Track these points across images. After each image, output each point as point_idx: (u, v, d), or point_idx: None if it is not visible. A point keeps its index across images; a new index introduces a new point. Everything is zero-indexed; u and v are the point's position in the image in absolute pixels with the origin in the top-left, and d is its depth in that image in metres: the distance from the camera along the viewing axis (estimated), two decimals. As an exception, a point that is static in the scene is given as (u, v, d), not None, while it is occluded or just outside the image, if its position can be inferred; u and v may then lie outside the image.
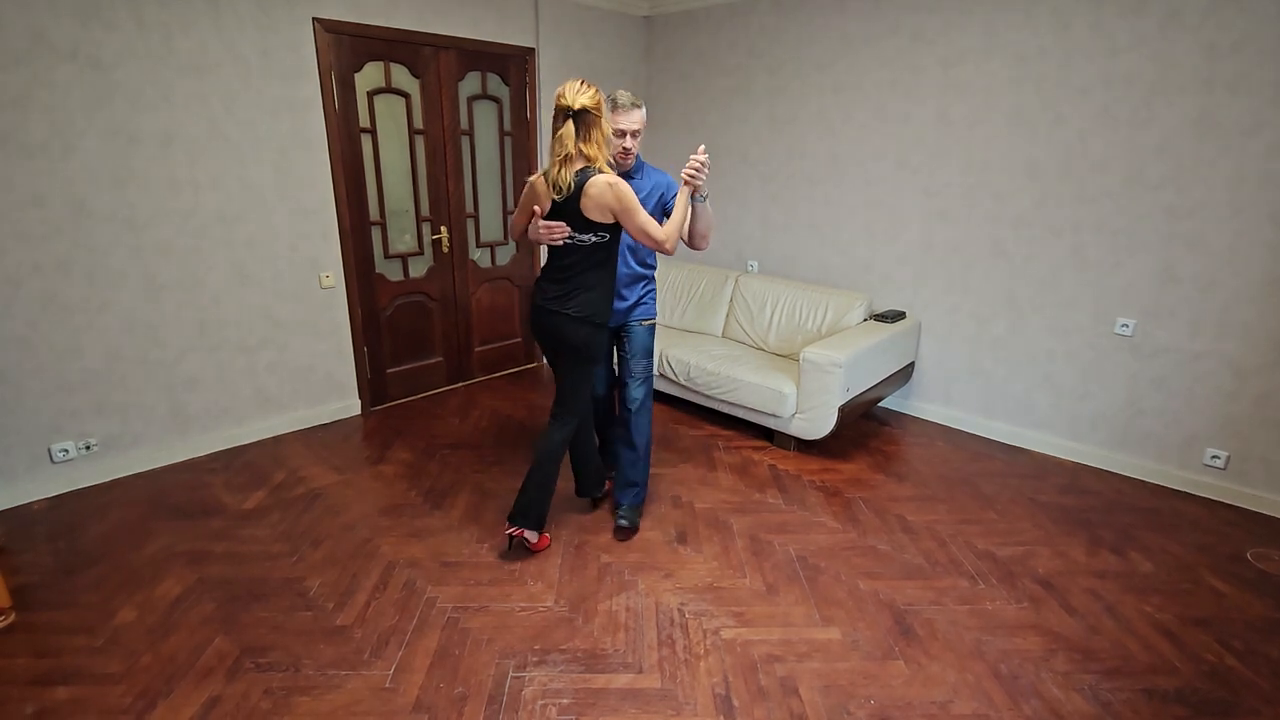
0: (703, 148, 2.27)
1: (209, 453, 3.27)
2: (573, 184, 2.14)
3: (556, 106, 2.12)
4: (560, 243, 2.22)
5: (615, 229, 2.24)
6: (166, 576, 2.36)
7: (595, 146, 2.15)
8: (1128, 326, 3.09)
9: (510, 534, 2.46)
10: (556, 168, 2.14)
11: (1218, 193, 2.78)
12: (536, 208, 2.22)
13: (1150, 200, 2.93)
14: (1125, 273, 3.06)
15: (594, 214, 2.17)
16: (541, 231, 2.20)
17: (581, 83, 2.12)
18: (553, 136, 2.14)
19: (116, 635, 2.07)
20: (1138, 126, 2.91)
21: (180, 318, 3.08)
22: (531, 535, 2.48)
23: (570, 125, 2.11)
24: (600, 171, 2.15)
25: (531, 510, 2.44)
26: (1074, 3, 2.97)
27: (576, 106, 2.09)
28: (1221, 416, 2.93)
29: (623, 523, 2.66)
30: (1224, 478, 2.97)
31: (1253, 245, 2.74)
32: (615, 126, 2.32)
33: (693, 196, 2.32)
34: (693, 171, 2.22)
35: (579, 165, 2.15)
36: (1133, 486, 3.11)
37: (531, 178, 2.25)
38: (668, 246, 2.20)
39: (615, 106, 2.33)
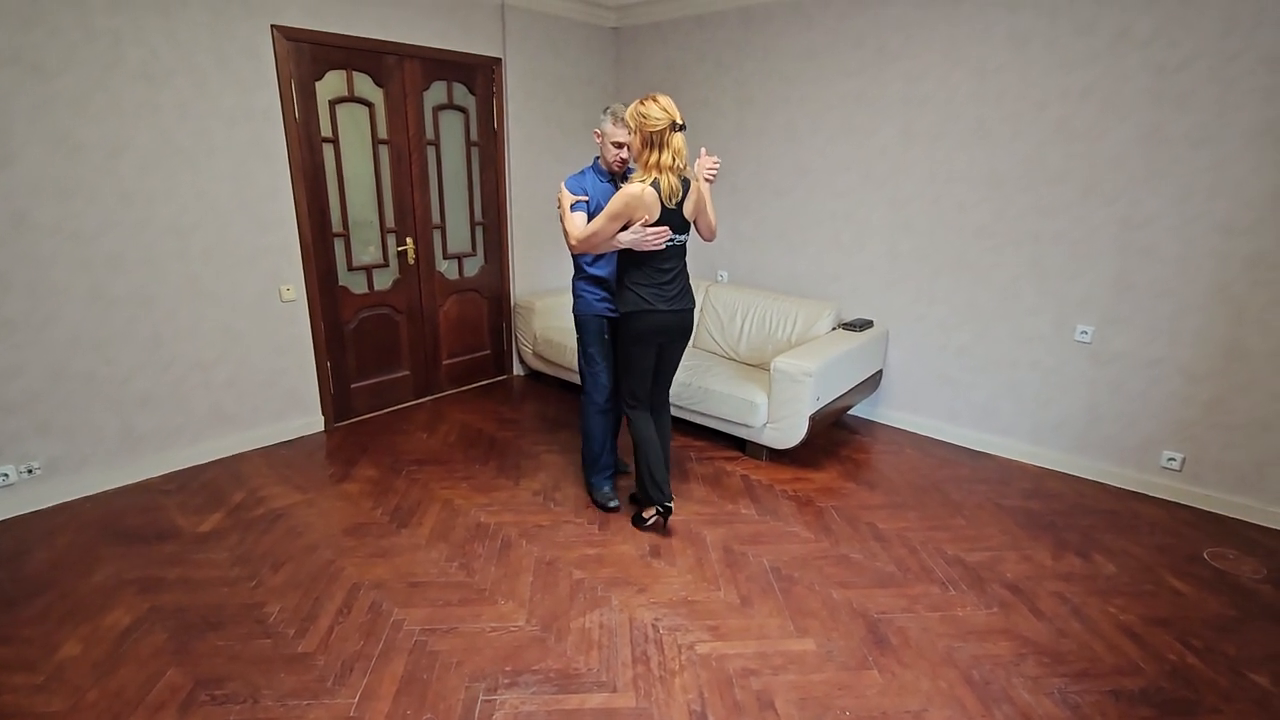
0: (705, 149, 2.56)
1: (163, 473, 3.14)
2: (681, 189, 2.39)
3: (654, 121, 2.27)
4: (663, 246, 2.43)
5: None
6: (115, 606, 2.24)
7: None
8: (1086, 334, 3.17)
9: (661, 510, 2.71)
10: (668, 176, 2.34)
11: (1169, 204, 2.87)
12: (646, 216, 2.37)
13: (1106, 211, 3.02)
14: (1083, 281, 3.14)
15: (690, 213, 2.49)
16: (650, 237, 2.39)
17: (665, 98, 2.30)
18: (652, 150, 2.32)
19: (60, 670, 1.96)
20: (1093, 140, 3.00)
21: (131, 333, 2.96)
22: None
23: (682, 137, 2.33)
24: (690, 178, 2.45)
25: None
26: (1031, 20, 3.06)
27: (682, 121, 2.30)
28: (1176, 420, 3.02)
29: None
30: (1180, 479, 3.06)
31: (1202, 254, 2.83)
32: (615, 139, 2.54)
33: None
34: (713, 174, 2.51)
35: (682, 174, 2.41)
36: (1094, 489, 3.18)
37: (633, 189, 2.34)
38: (717, 232, 2.68)
39: (616, 119, 2.52)
